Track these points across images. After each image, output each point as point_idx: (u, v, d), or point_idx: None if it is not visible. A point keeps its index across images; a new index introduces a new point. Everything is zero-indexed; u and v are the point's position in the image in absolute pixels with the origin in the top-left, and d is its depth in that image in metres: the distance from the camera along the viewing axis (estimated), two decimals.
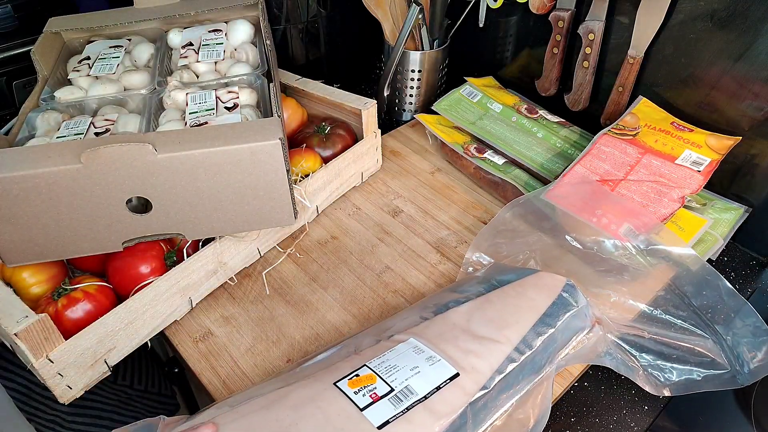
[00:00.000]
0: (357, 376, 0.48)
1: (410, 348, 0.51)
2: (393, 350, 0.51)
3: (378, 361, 0.50)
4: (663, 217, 0.66)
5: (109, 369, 0.61)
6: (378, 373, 0.48)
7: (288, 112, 0.85)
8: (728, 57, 0.70)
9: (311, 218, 0.80)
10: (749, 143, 0.72)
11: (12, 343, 0.53)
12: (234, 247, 0.69)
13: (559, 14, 0.82)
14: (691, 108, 0.76)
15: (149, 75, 0.74)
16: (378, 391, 0.47)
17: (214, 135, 0.58)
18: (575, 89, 0.86)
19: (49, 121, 0.66)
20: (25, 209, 0.55)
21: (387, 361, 0.49)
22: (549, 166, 0.81)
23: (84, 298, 0.59)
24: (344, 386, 0.47)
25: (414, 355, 0.50)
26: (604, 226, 0.65)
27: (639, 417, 0.60)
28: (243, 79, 0.72)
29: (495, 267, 0.67)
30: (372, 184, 0.87)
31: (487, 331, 0.54)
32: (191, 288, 0.66)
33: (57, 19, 0.80)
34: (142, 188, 0.57)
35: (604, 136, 0.75)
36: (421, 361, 0.50)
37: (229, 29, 0.80)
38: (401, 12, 0.93)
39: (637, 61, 0.77)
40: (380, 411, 0.46)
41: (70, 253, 0.60)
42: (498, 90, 0.96)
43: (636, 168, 0.70)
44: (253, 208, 0.62)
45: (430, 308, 0.58)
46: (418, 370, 0.49)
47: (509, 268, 0.65)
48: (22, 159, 0.54)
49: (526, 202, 0.71)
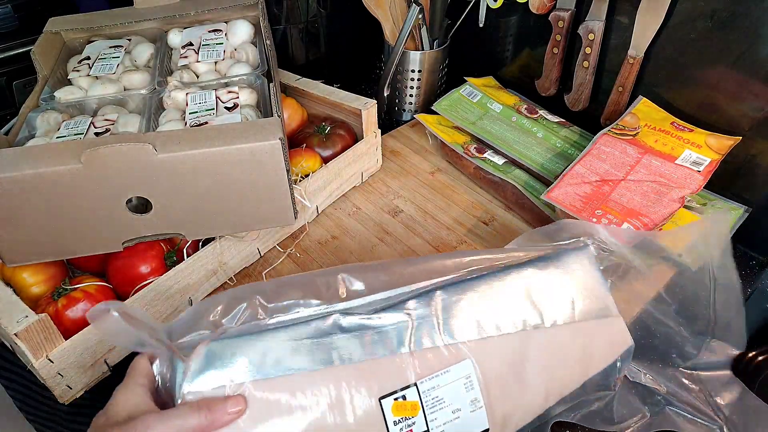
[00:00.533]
0: (403, 399, 0.46)
1: (463, 377, 0.49)
2: (447, 373, 0.48)
3: (429, 383, 0.47)
4: (663, 217, 0.66)
5: (109, 369, 0.61)
6: (423, 405, 0.47)
7: (288, 112, 0.85)
8: (728, 57, 0.70)
9: (311, 218, 0.80)
10: (749, 143, 0.72)
11: (12, 343, 0.53)
12: (234, 247, 0.69)
13: (559, 14, 0.82)
14: (691, 108, 0.76)
15: (149, 75, 0.74)
16: (414, 428, 0.47)
17: (214, 135, 0.58)
18: (575, 89, 0.86)
19: (49, 121, 0.66)
20: (25, 209, 0.55)
21: (438, 387, 0.48)
22: (549, 166, 0.81)
23: (84, 298, 0.59)
24: (388, 409, 0.46)
25: (463, 391, 0.48)
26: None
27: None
28: (243, 79, 0.72)
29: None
30: (372, 184, 0.87)
31: (536, 381, 0.52)
32: (191, 288, 0.66)
33: (57, 19, 0.80)
34: (142, 188, 0.57)
35: (604, 136, 0.75)
36: (465, 402, 0.48)
37: (229, 29, 0.80)
38: (401, 12, 0.93)
39: (637, 61, 0.77)
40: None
41: (70, 253, 0.60)
42: (498, 90, 0.96)
43: (636, 168, 0.70)
44: (253, 208, 0.62)
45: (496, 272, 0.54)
46: (458, 415, 0.48)
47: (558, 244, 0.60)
48: (22, 159, 0.54)
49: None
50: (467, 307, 0.50)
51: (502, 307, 0.52)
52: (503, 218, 0.82)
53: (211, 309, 0.46)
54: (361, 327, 0.47)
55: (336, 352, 0.46)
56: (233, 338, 0.44)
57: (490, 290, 0.52)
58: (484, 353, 0.50)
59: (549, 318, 0.53)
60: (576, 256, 0.56)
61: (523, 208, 0.80)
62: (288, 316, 0.47)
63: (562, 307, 0.54)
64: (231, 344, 0.44)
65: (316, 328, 0.46)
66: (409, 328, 0.48)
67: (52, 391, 0.57)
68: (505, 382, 0.50)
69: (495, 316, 0.51)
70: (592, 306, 0.55)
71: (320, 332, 0.46)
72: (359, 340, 0.47)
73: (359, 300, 0.49)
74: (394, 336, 0.47)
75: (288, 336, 0.45)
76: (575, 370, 0.54)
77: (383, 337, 0.47)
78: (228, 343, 0.44)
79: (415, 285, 0.51)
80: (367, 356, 0.46)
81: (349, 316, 0.47)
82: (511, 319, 0.51)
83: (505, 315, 0.51)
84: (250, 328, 0.45)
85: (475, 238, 0.78)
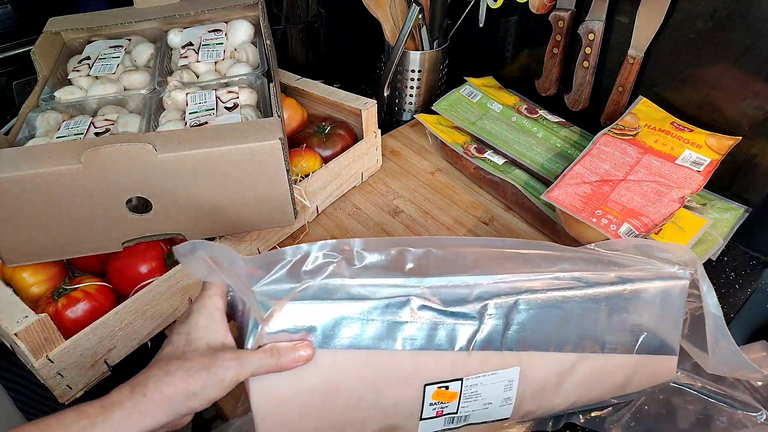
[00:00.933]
0: (446, 389, 0.48)
1: (506, 379, 0.50)
2: (494, 375, 0.49)
3: (474, 381, 0.49)
4: (663, 217, 0.66)
5: (109, 369, 0.61)
6: (462, 395, 0.49)
7: (288, 112, 0.85)
8: (728, 57, 0.70)
9: (311, 218, 0.80)
10: (749, 143, 0.72)
11: (12, 343, 0.53)
12: (234, 247, 0.69)
13: (559, 14, 0.82)
14: (691, 108, 0.76)
15: (149, 75, 0.74)
16: (445, 410, 0.49)
17: (214, 135, 0.58)
18: (575, 89, 0.86)
19: (49, 121, 0.66)
20: (25, 209, 0.55)
21: (480, 385, 0.49)
22: (549, 166, 0.81)
23: (84, 298, 0.59)
24: (429, 394, 0.48)
25: (501, 390, 0.50)
26: (604, 226, 0.65)
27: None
28: (243, 79, 0.72)
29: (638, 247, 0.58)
30: (372, 184, 0.87)
31: (569, 392, 0.52)
32: (191, 288, 0.66)
33: (57, 19, 0.80)
34: (142, 188, 0.57)
35: (604, 136, 0.75)
36: (499, 399, 0.50)
37: (229, 29, 0.80)
38: (401, 12, 0.93)
39: (637, 61, 0.77)
40: (431, 424, 0.50)
41: (70, 253, 0.60)
42: (498, 90, 0.96)
43: (636, 168, 0.70)
44: (253, 208, 0.62)
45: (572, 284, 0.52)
46: (488, 407, 0.50)
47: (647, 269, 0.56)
48: (22, 159, 0.54)
49: None
50: (540, 324, 0.50)
51: (572, 329, 0.51)
52: (503, 218, 0.82)
53: (299, 258, 0.46)
54: (432, 319, 0.47)
55: (401, 336, 0.46)
56: (311, 301, 0.45)
57: (570, 308, 0.50)
58: (534, 363, 0.50)
59: (610, 346, 0.52)
60: (669, 288, 0.53)
61: (523, 208, 0.80)
62: (367, 280, 0.47)
63: (628, 339, 0.53)
64: (307, 308, 0.45)
65: (391, 310, 0.46)
66: (476, 331, 0.48)
67: (52, 391, 0.57)
68: (542, 389, 0.52)
69: (562, 336, 0.51)
70: (657, 343, 0.54)
71: (393, 314, 0.46)
72: (426, 331, 0.47)
73: (441, 279, 0.48)
74: (459, 334, 0.48)
75: (361, 310, 0.46)
76: (609, 392, 0.55)
77: (449, 333, 0.47)
78: (305, 305, 0.45)
79: (500, 276, 0.50)
80: (428, 347, 0.47)
81: (426, 309, 0.47)
82: (576, 343, 0.51)
83: (572, 338, 0.51)
84: (329, 291, 0.46)
85: None
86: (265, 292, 0.44)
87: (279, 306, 0.44)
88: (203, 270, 0.43)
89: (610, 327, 0.52)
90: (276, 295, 0.44)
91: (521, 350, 0.50)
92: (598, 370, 0.53)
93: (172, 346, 0.42)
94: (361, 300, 0.46)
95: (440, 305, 0.47)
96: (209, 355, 0.41)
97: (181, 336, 0.42)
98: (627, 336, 0.53)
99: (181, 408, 0.40)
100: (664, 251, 0.55)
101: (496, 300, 0.48)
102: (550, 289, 0.50)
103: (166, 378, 0.39)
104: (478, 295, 0.48)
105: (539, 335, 0.50)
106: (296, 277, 0.46)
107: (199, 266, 0.42)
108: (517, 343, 0.49)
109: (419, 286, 0.47)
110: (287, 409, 0.45)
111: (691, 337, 0.56)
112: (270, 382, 0.44)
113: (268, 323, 0.43)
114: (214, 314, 0.43)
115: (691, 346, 0.56)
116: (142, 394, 0.39)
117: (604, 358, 0.52)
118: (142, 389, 0.39)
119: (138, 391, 0.39)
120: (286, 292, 0.44)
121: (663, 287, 0.53)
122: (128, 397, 0.39)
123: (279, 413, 0.45)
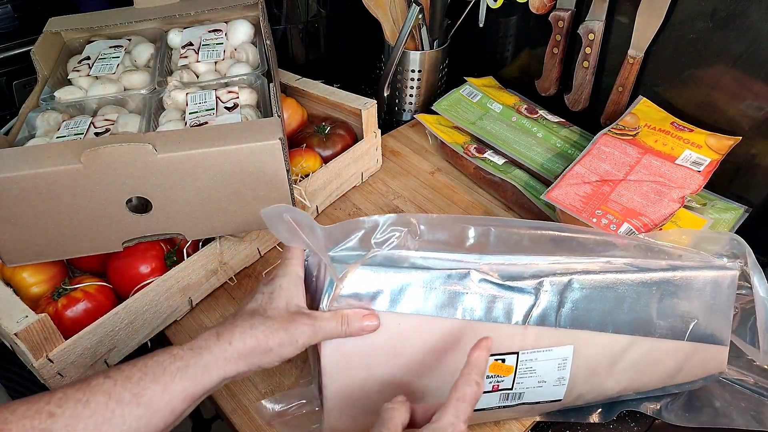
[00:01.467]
0: (502, 362, 0.50)
1: (560, 358, 0.51)
2: (549, 351, 0.51)
3: (529, 356, 0.50)
4: (663, 217, 0.66)
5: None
6: (517, 369, 0.51)
7: (288, 112, 0.85)
8: (728, 57, 0.70)
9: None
10: (749, 143, 0.72)
11: (12, 343, 0.53)
12: (234, 247, 0.69)
13: (559, 14, 0.82)
14: (691, 108, 0.76)
15: (149, 75, 0.74)
16: (501, 385, 0.51)
17: (214, 135, 0.58)
18: (575, 89, 0.86)
19: (49, 121, 0.66)
20: (25, 209, 0.55)
21: (535, 360, 0.51)
22: (549, 166, 0.81)
23: (84, 298, 0.59)
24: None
25: (555, 368, 0.52)
26: (604, 226, 0.65)
27: (639, 416, 0.60)
28: (243, 79, 0.72)
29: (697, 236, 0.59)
30: (372, 184, 0.87)
31: (621, 377, 0.54)
32: (191, 288, 0.66)
33: (57, 19, 0.80)
34: (142, 188, 0.57)
35: (604, 136, 0.75)
36: (552, 378, 0.52)
37: (229, 29, 0.80)
38: (401, 12, 0.93)
39: (637, 61, 0.77)
40: (487, 399, 0.52)
41: (70, 253, 0.60)
42: (498, 90, 0.96)
43: (636, 168, 0.70)
44: (253, 208, 0.62)
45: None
46: (542, 385, 0.52)
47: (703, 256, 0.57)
48: (22, 159, 0.54)
49: None
50: (594, 303, 0.51)
51: (625, 311, 0.52)
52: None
53: (369, 228, 0.50)
54: (491, 291, 0.49)
55: (461, 306, 0.49)
56: (380, 268, 0.48)
57: (622, 291, 0.52)
58: (588, 343, 0.52)
59: (661, 331, 0.53)
60: (719, 278, 0.54)
61: (523, 208, 0.80)
62: (432, 254, 0.50)
63: (680, 325, 0.54)
64: (377, 273, 0.48)
65: (452, 280, 0.49)
66: (533, 306, 0.50)
67: None
68: (594, 371, 0.53)
69: (615, 317, 0.52)
70: (707, 332, 0.55)
71: (454, 284, 0.49)
72: (485, 303, 0.49)
73: (499, 258, 0.51)
74: (516, 308, 0.49)
75: (425, 279, 0.48)
76: (661, 378, 0.56)
77: (506, 307, 0.49)
78: (375, 271, 0.48)
79: (555, 258, 0.52)
80: (486, 318, 0.49)
81: (485, 282, 0.49)
82: (628, 325, 0.52)
83: (624, 320, 0.52)
84: (395, 260, 0.49)
85: None
86: (339, 257, 0.49)
87: (352, 269, 0.47)
88: (287, 233, 0.47)
89: (661, 312, 0.53)
90: (349, 261, 0.48)
91: (575, 329, 0.51)
92: (650, 355, 0.54)
93: (255, 302, 0.46)
94: (424, 270, 0.48)
95: (498, 279, 0.49)
96: (287, 316, 0.45)
97: (265, 295, 0.46)
98: (678, 322, 0.54)
99: (258, 360, 0.44)
100: (714, 242, 0.56)
101: (551, 278, 0.50)
102: (603, 271, 0.51)
103: (250, 331, 0.43)
104: (534, 273, 0.50)
105: (593, 315, 0.51)
106: (366, 246, 0.49)
107: (283, 229, 0.46)
108: (571, 321, 0.51)
109: (478, 261, 0.50)
110: (354, 367, 0.48)
111: (741, 331, 0.57)
112: (340, 341, 0.47)
113: (342, 282, 0.47)
114: (295, 279, 0.47)
115: (742, 341, 0.57)
116: (228, 342, 0.43)
117: (655, 342, 0.53)
118: (228, 337, 0.43)
119: (224, 338, 0.43)
120: (358, 257, 0.48)
121: (713, 276, 0.54)
122: (215, 343, 0.43)
123: (346, 371, 0.48)
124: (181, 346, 0.43)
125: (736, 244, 0.55)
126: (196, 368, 0.42)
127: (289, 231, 0.46)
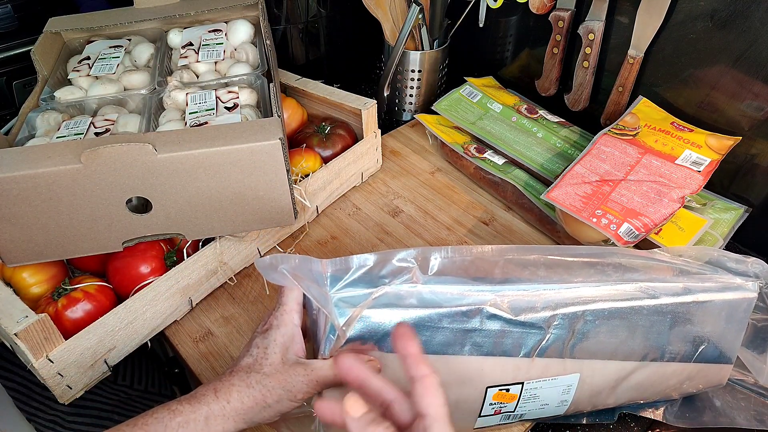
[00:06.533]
0: (507, 391, 0.49)
1: (565, 384, 0.51)
2: (556, 380, 0.50)
3: (534, 385, 0.50)
4: (663, 217, 0.66)
5: (109, 369, 0.61)
6: (522, 397, 0.50)
7: (288, 112, 0.85)
8: (728, 57, 0.70)
9: (311, 218, 0.80)
10: (749, 143, 0.72)
11: (12, 343, 0.53)
12: (234, 247, 0.69)
13: (559, 14, 0.82)
14: (691, 108, 0.76)
15: (149, 75, 0.74)
16: (503, 410, 0.51)
17: (214, 135, 0.58)
18: (575, 89, 0.86)
19: (49, 121, 0.66)
20: (25, 209, 0.55)
21: (540, 389, 0.50)
22: (549, 166, 0.81)
23: (84, 298, 0.59)
24: (489, 395, 0.49)
25: (559, 394, 0.51)
26: (604, 226, 0.65)
27: (639, 416, 0.60)
28: (243, 79, 0.72)
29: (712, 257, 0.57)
30: (372, 184, 0.87)
31: (623, 394, 0.54)
32: (191, 288, 0.66)
33: (57, 19, 0.80)
34: (142, 188, 0.57)
35: (604, 136, 0.75)
36: (555, 401, 0.52)
37: (229, 29, 0.80)
38: (401, 12, 0.93)
39: (637, 61, 0.77)
40: (488, 420, 0.51)
41: (70, 253, 0.60)
42: (498, 90, 0.96)
43: (636, 168, 0.70)
44: (253, 208, 0.62)
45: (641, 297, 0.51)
46: (543, 407, 0.52)
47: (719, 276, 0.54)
48: (22, 159, 0.54)
49: None
50: (605, 335, 0.50)
51: (637, 340, 0.51)
52: (503, 218, 0.82)
53: (373, 266, 0.47)
54: (500, 328, 0.48)
55: (469, 343, 0.48)
56: (385, 309, 0.46)
57: (635, 320, 0.50)
58: (594, 371, 0.51)
59: (670, 356, 0.53)
60: (736, 301, 0.52)
61: (523, 208, 0.80)
62: (439, 287, 0.47)
63: (688, 349, 0.53)
64: (381, 317, 0.45)
65: (462, 318, 0.47)
66: (540, 341, 0.49)
67: (52, 391, 0.57)
68: (598, 392, 0.53)
69: (626, 347, 0.51)
70: (716, 353, 0.54)
71: (464, 322, 0.47)
72: (493, 339, 0.48)
73: (513, 288, 0.48)
74: (524, 343, 0.49)
75: (432, 318, 0.46)
76: (662, 394, 0.56)
77: (514, 342, 0.48)
78: (380, 313, 0.45)
79: (569, 285, 0.49)
80: (493, 353, 0.48)
81: (494, 319, 0.47)
82: (638, 353, 0.52)
83: (635, 348, 0.51)
84: (402, 296, 0.46)
85: (475, 238, 0.78)
86: (343, 298, 0.46)
87: (356, 314, 0.45)
88: (284, 281, 0.46)
89: (673, 337, 0.52)
90: (352, 302, 0.46)
91: (583, 358, 0.50)
92: (654, 376, 0.53)
93: (251, 357, 0.45)
94: (432, 308, 0.46)
95: (509, 313, 0.47)
96: (284, 370, 0.44)
97: (260, 350, 0.46)
98: (688, 346, 0.53)
99: (258, 417, 0.44)
100: (735, 261, 0.54)
101: (563, 310, 0.48)
102: (618, 300, 0.50)
103: (247, 390, 0.44)
104: (546, 304, 0.48)
105: (603, 345, 0.50)
106: (372, 281, 0.46)
107: (278, 279, 0.45)
108: (579, 352, 0.50)
109: (490, 293, 0.48)
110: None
111: (749, 346, 0.56)
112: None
113: (345, 331, 0.45)
114: (291, 329, 0.46)
115: (748, 355, 0.56)
116: (226, 401, 0.43)
117: (662, 366, 0.53)
118: (226, 396, 0.43)
119: (222, 397, 0.43)
120: (363, 297, 0.46)
121: (730, 299, 0.52)
122: (213, 400, 0.43)
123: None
124: (179, 400, 0.43)
125: (757, 265, 0.54)
126: (197, 423, 0.42)
127: (285, 281, 0.45)
